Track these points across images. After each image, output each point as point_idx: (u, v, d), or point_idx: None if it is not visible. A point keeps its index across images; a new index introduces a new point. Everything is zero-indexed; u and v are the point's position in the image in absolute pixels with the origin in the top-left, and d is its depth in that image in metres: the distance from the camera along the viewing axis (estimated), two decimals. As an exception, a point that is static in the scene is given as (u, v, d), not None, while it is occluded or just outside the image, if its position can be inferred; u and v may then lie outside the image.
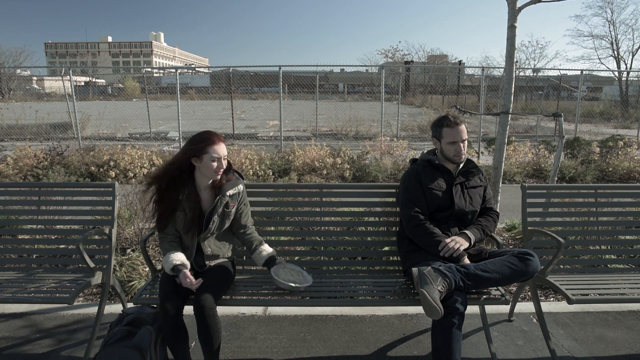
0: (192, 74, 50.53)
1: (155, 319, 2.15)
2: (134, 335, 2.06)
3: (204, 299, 2.06)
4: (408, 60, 38.43)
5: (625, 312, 3.02)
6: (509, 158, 8.26)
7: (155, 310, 2.19)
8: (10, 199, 2.93)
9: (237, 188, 2.38)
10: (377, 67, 32.71)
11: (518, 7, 3.65)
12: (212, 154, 2.23)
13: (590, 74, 28.16)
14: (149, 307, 2.23)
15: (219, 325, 2.09)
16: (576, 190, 3.11)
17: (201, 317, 2.04)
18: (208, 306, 2.06)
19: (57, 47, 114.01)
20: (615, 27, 27.74)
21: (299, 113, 17.48)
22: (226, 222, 2.38)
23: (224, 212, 2.35)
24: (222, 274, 2.31)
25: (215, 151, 2.24)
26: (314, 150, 7.93)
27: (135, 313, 2.15)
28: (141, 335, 2.04)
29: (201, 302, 2.05)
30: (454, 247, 2.29)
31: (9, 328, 2.76)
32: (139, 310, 2.17)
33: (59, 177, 6.92)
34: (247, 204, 2.51)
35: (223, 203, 2.32)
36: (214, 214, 2.31)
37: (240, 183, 2.41)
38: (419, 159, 2.66)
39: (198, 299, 2.07)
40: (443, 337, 2.02)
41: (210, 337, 2.06)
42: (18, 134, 12.71)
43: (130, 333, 2.07)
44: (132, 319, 2.11)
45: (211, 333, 2.06)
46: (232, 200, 2.36)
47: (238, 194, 2.40)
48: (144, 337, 2.04)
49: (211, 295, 2.11)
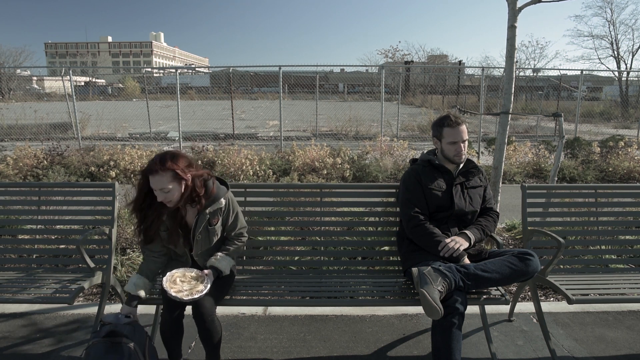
0: (192, 74, 50.54)
1: (133, 331, 2.03)
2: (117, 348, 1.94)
3: (202, 305, 2.06)
4: (408, 60, 38.41)
5: (625, 312, 3.02)
6: (509, 158, 8.25)
7: (132, 320, 2.08)
8: (10, 199, 2.93)
9: (218, 204, 2.23)
10: (377, 67, 32.71)
11: (518, 7, 3.65)
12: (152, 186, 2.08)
13: (590, 74, 28.16)
14: (124, 317, 2.09)
15: (218, 329, 2.11)
16: (576, 190, 3.11)
17: (200, 322, 2.06)
18: (207, 313, 2.05)
19: (57, 47, 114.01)
20: (615, 27, 27.75)
21: (299, 113, 17.47)
22: (213, 238, 2.29)
23: (208, 230, 2.25)
24: (222, 279, 2.27)
25: (153, 184, 2.07)
26: (314, 150, 7.92)
27: (113, 324, 2.03)
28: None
29: (200, 309, 2.05)
30: (454, 247, 2.29)
31: (9, 328, 2.76)
32: (115, 322, 2.05)
33: (59, 177, 6.91)
34: (234, 212, 2.33)
35: (204, 221, 2.22)
36: (197, 232, 2.22)
37: (221, 197, 2.24)
38: (419, 159, 2.66)
39: (197, 305, 2.06)
40: (443, 337, 2.02)
41: (211, 341, 2.10)
42: (18, 134, 12.71)
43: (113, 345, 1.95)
44: (110, 331, 1.99)
45: (211, 337, 2.09)
46: (213, 217, 2.24)
47: (220, 210, 2.26)
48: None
49: (210, 300, 2.09)
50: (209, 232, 2.26)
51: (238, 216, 2.36)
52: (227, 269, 2.25)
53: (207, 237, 2.27)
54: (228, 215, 2.31)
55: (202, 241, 2.26)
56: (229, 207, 2.30)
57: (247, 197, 2.80)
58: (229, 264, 2.27)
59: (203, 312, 2.05)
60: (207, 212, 2.21)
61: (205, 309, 2.06)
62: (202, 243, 2.26)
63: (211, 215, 2.23)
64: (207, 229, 2.24)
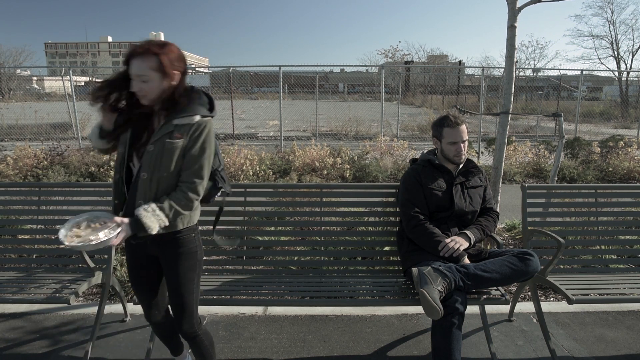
0: (192, 73, 50.45)
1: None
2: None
3: (179, 324, 1.89)
4: (408, 60, 38.40)
5: (625, 312, 3.02)
6: (509, 158, 8.25)
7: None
8: (10, 199, 2.93)
9: (189, 119, 1.72)
10: (377, 67, 32.75)
11: (518, 7, 3.65)
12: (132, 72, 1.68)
13: (590, 74, 28.18)
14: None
15: (205, 342, 1.98)
16: (576, 190, 3.12)
17: (186, 339, 1.96)
18: (188, 330, 1.91)
19: (57, 47, 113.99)
20: (615, 27, 27.77)
21: (299, 113, 17.46)
22: (166, 162, 1.71)
23: (164, 144, 1.70)
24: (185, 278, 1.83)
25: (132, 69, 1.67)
26: (314, 151, 7.92)
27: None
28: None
29: (181, 328, 1.91)
30: (454, 247, 2.29)
31: (9, 328, 2.76)
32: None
33: (59, 177, 6.91)
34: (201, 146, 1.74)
35: (166, 132, 1.71)
36: (151, 140, 1.73)
37: (197, 113, 1.73)
38: (419, 159, 2.66)
39: (176, 322, 1.90)
40: (443, 337, 2.02)
41: (202, 353, 2.00)
42: (18, 134, 12.71)
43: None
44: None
45: (201, 350, 1.99)
46: (178, 131, 1.71)
47: (188, 127, 1.72)
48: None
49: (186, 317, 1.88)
50: (164, 147, 1.70)
51: (202, 156, 1.75)
52: (152, 227, 1.67)
53: (160, 154, 1.71)
54: (194, 144, 1.73)
55: (153, 159, 1.72)
56: (199, 133, 1.74)
57: (247, 197, 2.80)
58: (155, 220, 1.68)
59: (184, 330, 1.90)
60: (173, 123, 1.72)
61: (185, 327, 1.89)
62: (151, 161, 1.72)
63: (176, 129, 1.72)
64: (164, 142, 1.70)
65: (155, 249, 1.85)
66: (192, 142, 1.73)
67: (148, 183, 1.73)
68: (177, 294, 1.85)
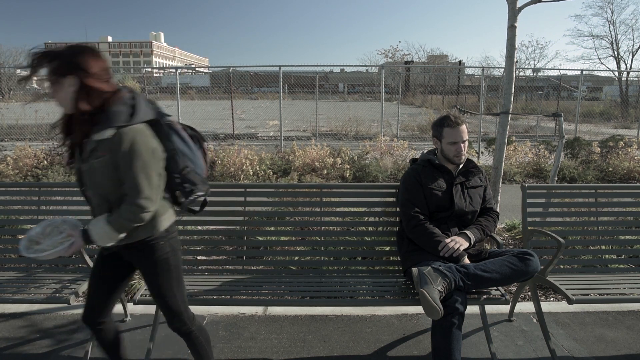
0: (192, 74, 50.53)
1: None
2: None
3: (169, 322, 1.91)
4: (408, 60, 38.40)
5: (625, 312, 3.02)
6: (509, 158, 8.25)
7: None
8: (10, 199, 2.93)
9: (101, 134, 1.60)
10: (377, 67, 32.76)
11: (518, 7, 3.65)
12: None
13: (590, 74, 28.19)
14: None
15: (200, 339, 1.97)
16: (576, 190, 3.12)
17: (180, 335, 1.95)
18: (179, 327, 1.92)
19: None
20: (615, 27, 27.76)
21: (299, 113, 17.46)
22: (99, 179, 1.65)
23: (91, 164, 1.64)
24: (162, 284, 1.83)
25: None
26: (314, 151, 7.93)
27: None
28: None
29: (171, 325, 1.92)
30: (454, 247, 2.29)
31: (9, 328, 2.76)
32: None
33: (59, 177, 6.91)
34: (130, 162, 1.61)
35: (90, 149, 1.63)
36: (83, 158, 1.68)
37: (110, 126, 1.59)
38: (419, 159, 2.66)
39: (167, 321, 1.91)
40: (443, 337, 2.02)
41: (197, 350, 2.00)
42: (18, 134, 12.71)
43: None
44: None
45: (197, 347, 1.99)
46: (100, 148, 1.61)
47: (109, 142, 1.60)
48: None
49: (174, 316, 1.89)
50: (92, 166, 1.64)
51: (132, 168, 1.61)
52: (101, 240, 1.66)
53: (92, 173, 1.66)
54: (119, 157, 1.61)
55: (87, 178, 1.69)
56: (118, 146, 1.59)
57: (247, 197, 2.80)
58: (104, 234, 1.65)
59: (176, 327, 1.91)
60: (94, 139, 1.62)
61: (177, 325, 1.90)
62: (88, 180, 1.69)
63: (98, 145, 1.61)
64: (91, 162, 1.64)
65: (128, 257, 1.85)
66: (116, 155, 1.61)
67: (97, 198, 1.72)
68: (159, 298, 1.87)
